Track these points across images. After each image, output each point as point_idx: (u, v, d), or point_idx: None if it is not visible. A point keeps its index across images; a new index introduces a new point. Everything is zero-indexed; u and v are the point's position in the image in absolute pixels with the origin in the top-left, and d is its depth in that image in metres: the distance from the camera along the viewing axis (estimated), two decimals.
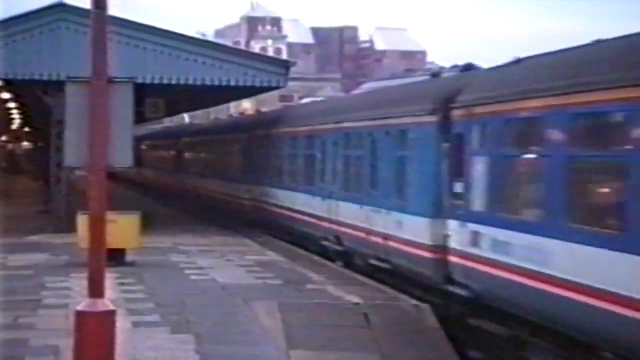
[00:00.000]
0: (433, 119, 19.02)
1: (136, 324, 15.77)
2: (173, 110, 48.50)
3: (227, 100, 55.15)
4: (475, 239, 16.65)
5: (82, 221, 20.77)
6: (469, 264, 16.83)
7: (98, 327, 10.86)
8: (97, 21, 11.00)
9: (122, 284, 19.71)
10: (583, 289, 12.95)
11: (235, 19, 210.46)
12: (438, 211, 18.34)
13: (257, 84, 30.45)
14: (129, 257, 22.70)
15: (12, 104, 51.76)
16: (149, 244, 24.85)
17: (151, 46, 29.25)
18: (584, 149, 13.66)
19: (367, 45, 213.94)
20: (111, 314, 10.99)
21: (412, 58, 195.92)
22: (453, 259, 17.60)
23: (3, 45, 28.27)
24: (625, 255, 12.09)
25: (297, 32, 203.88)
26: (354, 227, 23.29)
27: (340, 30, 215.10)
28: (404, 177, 20.57)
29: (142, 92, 27.23)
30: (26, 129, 77.46)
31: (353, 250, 23.81)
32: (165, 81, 29.42)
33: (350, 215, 23.68)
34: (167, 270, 22.56)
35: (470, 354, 16.77)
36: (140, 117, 37.63)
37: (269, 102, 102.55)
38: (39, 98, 32.13)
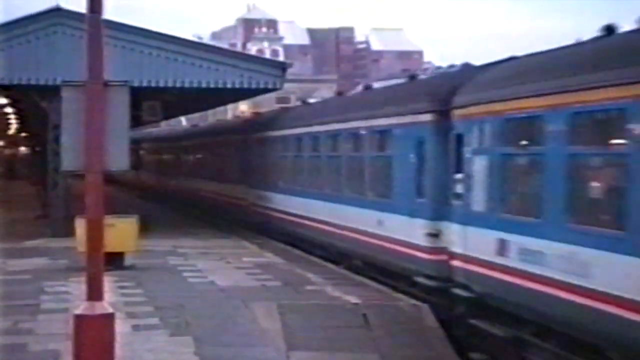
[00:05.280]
0: None
1: (136, 327, 15.76)
2: (170, 113, 48.48)
3: (225, 103, 55.12)
4: None
5: (80, 225, 20.78)
6: None
7: (97, 330, 10.86)
8: (93, 25, 11.02)
9: (121, 287, 19.71)
10: None
11: (231, 21, 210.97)
12: None
13: (254, 86, 30.47)
14: (127, 261, 22.71)
15: (9, 109, 51.80)
16: (148, 247, 24.86)
17: (147, 49, 29.29)
18: None
19: (363, 46, 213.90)
20: (110, 316, 10.99)
21: (409, 58, 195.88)
22: None
23: None
24: None
25: (293, 34, 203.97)
26: None
27: (336, 31, 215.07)
28: None
29: (139, 95, 27.23)
30: (23, 134, 77.44)
31: None
32: (161, 84, 29.47)
33: None
34: (166, 273, 22.54)
35: (471, 355, 16.72)
36: (137, 121, 37.64)
37: (266, 104, 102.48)
38: (35, 103, 32.11)
